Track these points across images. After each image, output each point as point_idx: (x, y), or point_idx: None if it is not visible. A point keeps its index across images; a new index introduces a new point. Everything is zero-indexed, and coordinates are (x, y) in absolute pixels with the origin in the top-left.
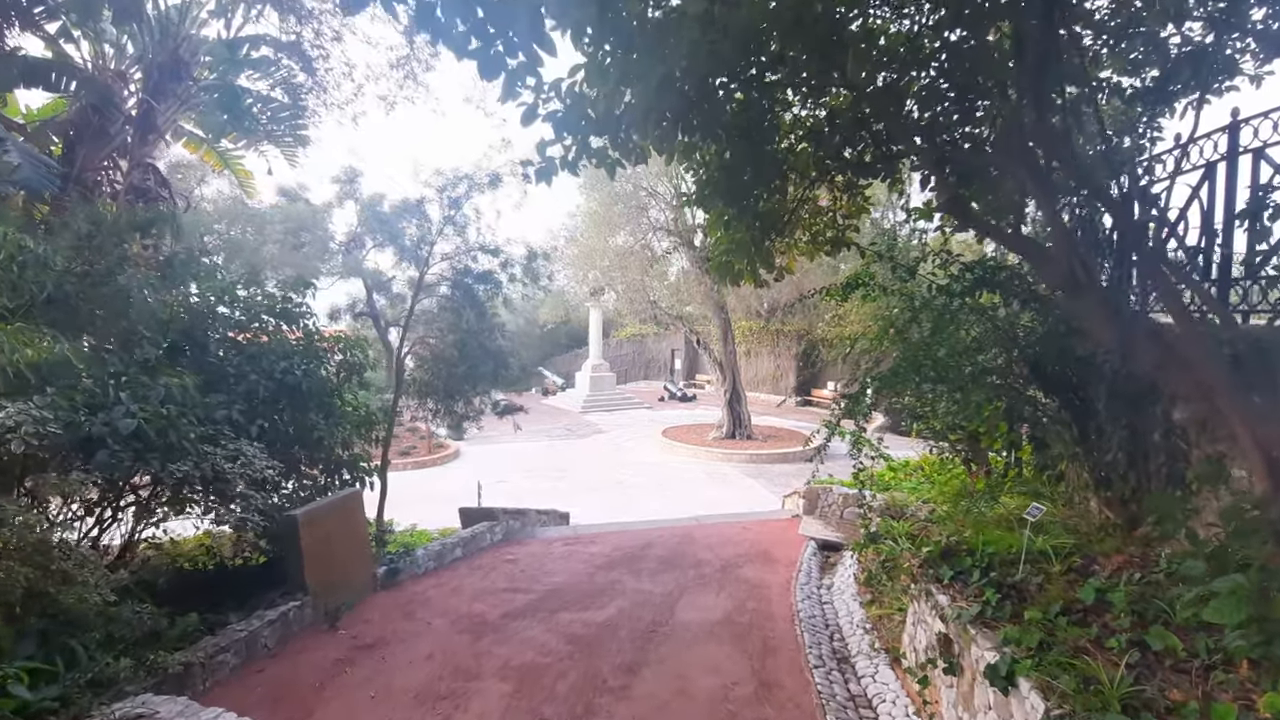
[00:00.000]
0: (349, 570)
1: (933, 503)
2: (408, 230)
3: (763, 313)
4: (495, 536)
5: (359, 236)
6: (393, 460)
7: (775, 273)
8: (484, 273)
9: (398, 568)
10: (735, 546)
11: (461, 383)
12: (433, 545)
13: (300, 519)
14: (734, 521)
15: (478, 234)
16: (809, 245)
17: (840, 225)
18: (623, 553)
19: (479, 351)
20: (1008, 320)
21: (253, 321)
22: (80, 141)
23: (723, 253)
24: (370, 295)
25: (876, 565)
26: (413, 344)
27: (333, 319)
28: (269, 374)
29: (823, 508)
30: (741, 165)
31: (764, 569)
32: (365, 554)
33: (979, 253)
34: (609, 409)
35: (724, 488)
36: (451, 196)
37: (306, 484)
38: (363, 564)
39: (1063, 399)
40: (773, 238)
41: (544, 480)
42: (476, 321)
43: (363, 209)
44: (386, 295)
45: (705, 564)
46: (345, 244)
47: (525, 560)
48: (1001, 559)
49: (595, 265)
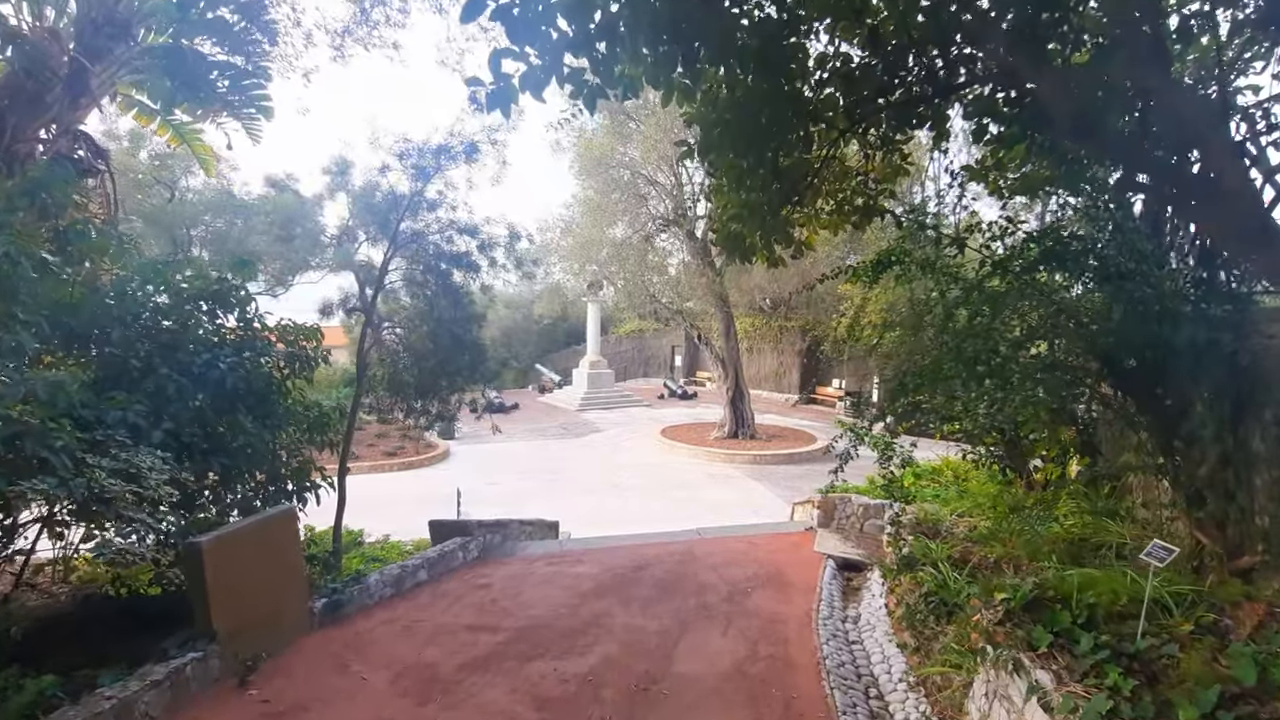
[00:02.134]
0: (274, 607)
1: (969, 516)
2: (387, 212)
3: (766, 308)
4: (469, 555)
5: (351, 230)
6: (379, 461)
7: (793, 248)
8: (459, 255)
9: (341, 600)
10: (743, 566)
11: (436, 378)
12: (390, 569)
13: (205, 548)
14: (740, 535)
15: (452, 212)
16: (832, 216)
17: (871, 190)
18: (614, 575)
19: (453, 343)
20: (1076, 303)
21: (181, 307)
22: (12, 110)
23: (731, 218)
24: (362, 289)
25: (917, 599)
26: (378, 336)
27: (324, 314)
28: (185, 368)
29: (840, 520)
30: (758, 105)
31: (778, 597)
32: (298, 585)
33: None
34: (607, 407)
35: (727, 491)
36: (418, 166)
37: (238, 498)
38: (294, 598)
39: (1142, 398)
40: (792, 203)
41: (537, 482)
42: (451, 310)
43: (353, 200)
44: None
45: (709, 590)
46: (337, 236)
47: (500, 585)
48: (1107, 612)
49: (592, 258)
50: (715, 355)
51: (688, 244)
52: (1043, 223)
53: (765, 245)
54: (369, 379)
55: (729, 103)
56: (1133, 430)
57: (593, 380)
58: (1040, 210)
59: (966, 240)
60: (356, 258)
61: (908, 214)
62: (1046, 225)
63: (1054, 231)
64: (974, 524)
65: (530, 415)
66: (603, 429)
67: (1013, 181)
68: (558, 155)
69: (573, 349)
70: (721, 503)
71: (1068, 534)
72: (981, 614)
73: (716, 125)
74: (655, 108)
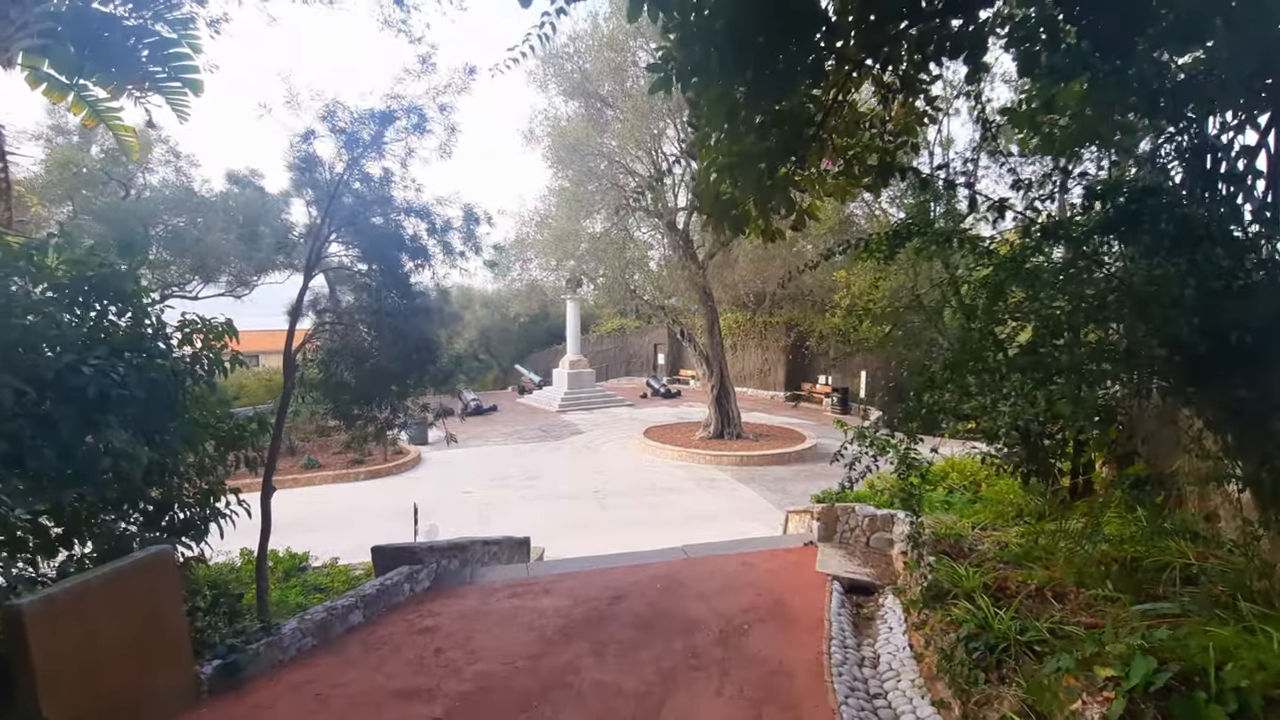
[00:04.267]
0: (138, 681)
1: (992, 528)
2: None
3: (750, 303)
4: (418, 586)
5: (317, 229)
6: (344, 470)
7: (794, 218)
8: (407, 239)
9: (239, 661)
10: (737, 593)
11: (381, 380)
12: (314, 613)
13: (28, 614)
14: (732, 553)
15: (396, 187)
16: (839, 179)
17: (888, 143)
18: (586, 610)
19: (395, 340)
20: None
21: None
22: None
23: (720, 175)
24: (333, 290)
25: (953, 643)
26: (312, 332)
27: (293, 316)
28: (31, 372)
29: (844, 533)
30: (753, 13)
31: (780, 635)
32: (174, 649)
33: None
34: (588, 407)
35: (713, 496)
36: (349, 132)
37: (115, 533)
38: (169, 666)
39: (1219, 394)
40: (795, 159)
41: (512, 489)
42: (400, 302)
43: (319, 195)
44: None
45: (698, 628)
46: (304, 235)
47: (449, 627)
48: (1265, 697)
49: (570, 253)
50: (699, 352)
51: (669, 236)
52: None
53: (761, 213)
54: (303, 383)
55: (715, 3)
56: (1211, 431)
57: (573, 380)
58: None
59: (1009, 202)
60: (327, 256)
61: (936, 171)
62: (1114, 178)
63: (1126, 184)
64: (1001, 539)
65: (509, 417)
66: (583, 431)
67: (1067, 128)
68: (531, 146)
69: (554, 348)
70: (708, 510)
71: (1118, 553)
72: (1084, 703)
73: (702, 36)
74: (633, 94)
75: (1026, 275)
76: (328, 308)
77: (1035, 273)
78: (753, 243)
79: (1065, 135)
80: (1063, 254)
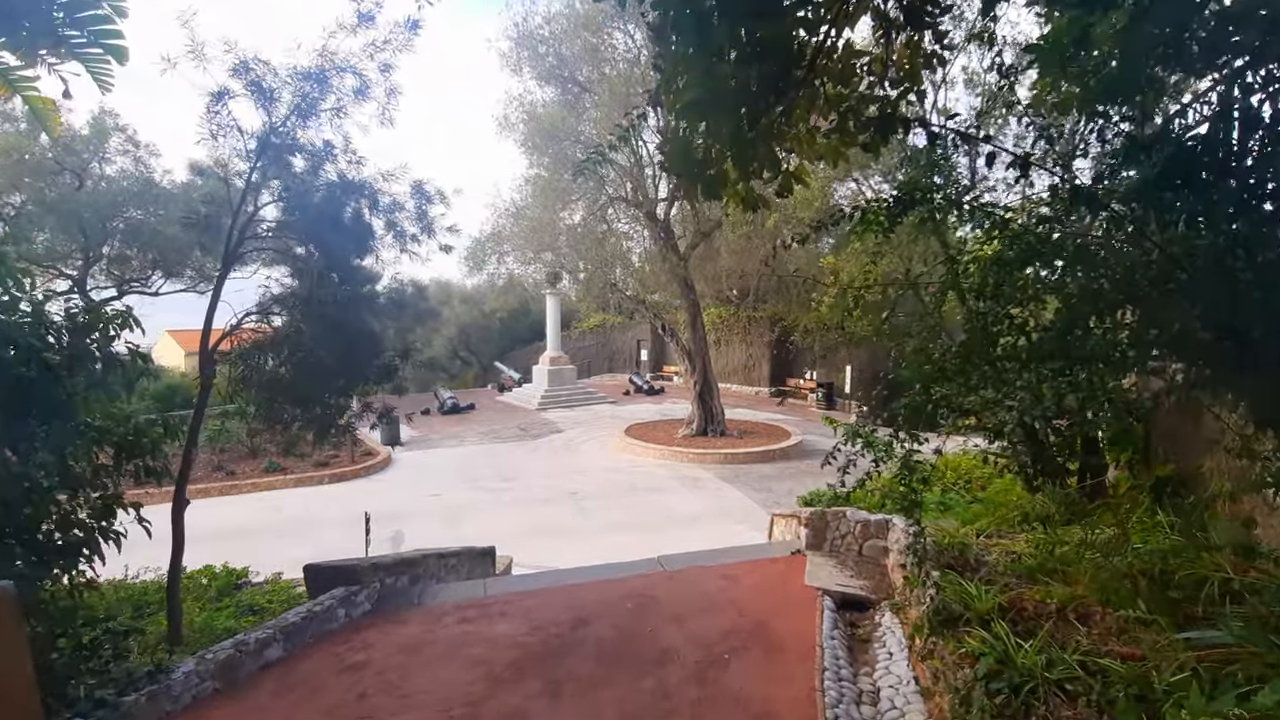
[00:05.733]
0: None
1: (998, 535)
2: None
3: (733, 298)
4: (355, 611)
5: (238, 207)
6: (307, 473)
7: (780, 181)
8: (345, 219)
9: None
10: (717, 613)
11: (319, 376)
12: (219, 649)
13: None
14: (713, 565)
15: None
16: (830, 138)
17: (888, 93)
18: (544, 638)
19: (326, 332)
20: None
21: None
22: None
23: (692, 106)
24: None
25: (970, 682)
26: (237, 323)
27: (263, 314)
28: None
29: (834, 540)
30: None
31: (766, 665)
32: (17, 709)
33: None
34: (569, 405)
35: (696, 496)
36: (269, 89)
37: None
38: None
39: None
40: (781, 110)
41: (485, 492)
42: (338, 289)
43: (282, 185)
44: (291, 273)
45: (671, 660)
46: (273, 228)
47: (383, 662)
48: None
49: (547, 245)
50: (682, 348)
51: (649, 227)
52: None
53: (741, 173)
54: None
55: None
56: (1265, 429)
57: (553, 377)
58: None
59: (1033, 157)
60: (296, 249)
61: (949, 121)
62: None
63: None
64: (1009, 548)
65: (487, 416)
66: (563, 429)
67: (1109, 73)
68: (506, 133)
69: (535, 345)
70: (691, 512)
71: (1145, 565)
72: None
73: None
74: (611, 79)
75: (1052, 247)
76: (267, 303)
77: (1060, 245)
78: (735, 232)
79: (1104, 80)
80: (1091, 222)
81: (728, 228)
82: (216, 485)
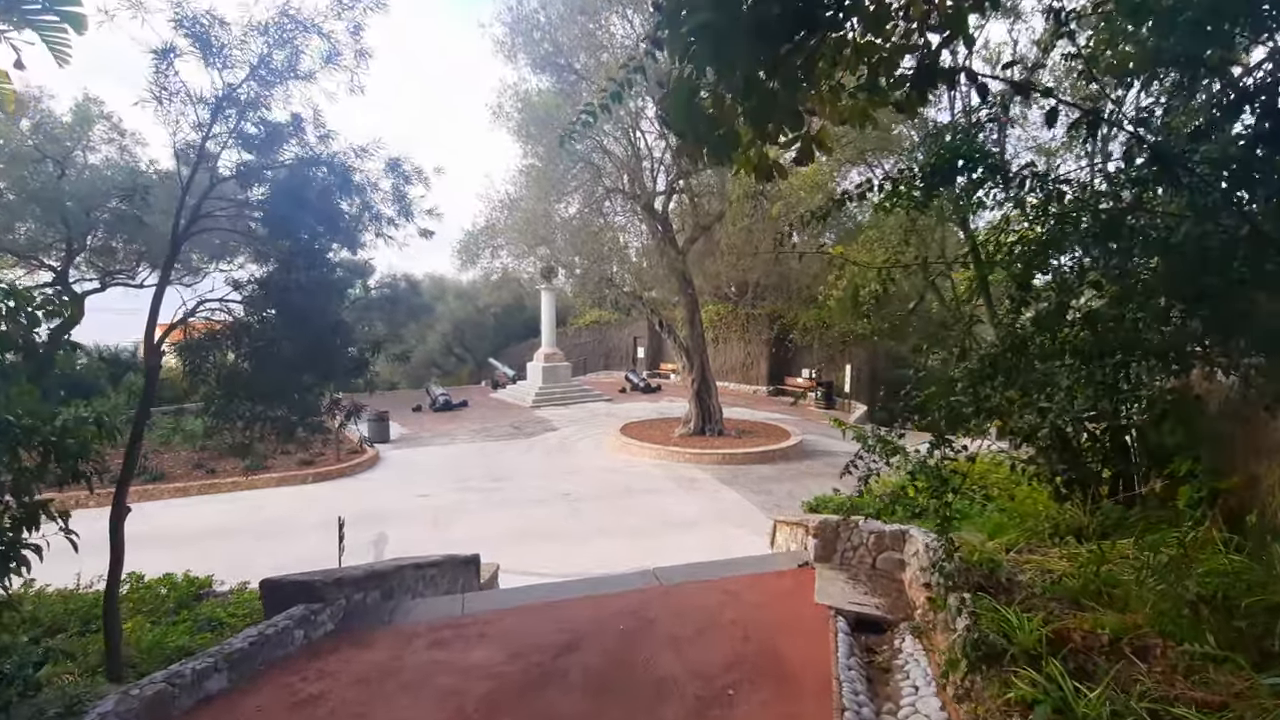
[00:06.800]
0: None
1: (1028, 549)
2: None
3: (732, 295)
4: (315, 632)
5: (187, 181)
6: (291, 471)
7: (800, 144)
8: (310, 197)
9: None
10: (719, 636)
11: (279, 371)
12: (152, 681)
13: None
14: (713, 578)
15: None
16: (858, 96)
17: (928, 41)
18: (525, 667)
19: (295, 321)
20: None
21: None
22: None
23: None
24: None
25: None
26: (191, 310)
27: (223, 301)
28: None
29: (844, 553)
30: None
31: (776, 701)
32: None
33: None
34: (564, 403)
35: (693, 499)
36: (217, 44)
37: None
38: None
39: None
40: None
41: (475, 493)
42: (303, 274)
43: (240, 158)
44: (253, 257)
45: (669, 694)
46: (227, 208)
47: (340, 694)
48: None
49: (542, 237)
50: (679, 345)
51: (647, 220)
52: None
53: (757, 132)
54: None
55: None
56: None
57: (548, 374)
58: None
59: (1098, 116)
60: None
61: (1004, 70)
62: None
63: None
64: (1044, 565)
65: (480, 413)
66: (557, 428)
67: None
68: (499, 122)
69: (530, 342)
70: (688, 515)
71: (1203, 589)
72: None
73: None
74: (609, 65)
75: (1109, 226)
76: (225, 290)
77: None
78: (736, 225)
79: (1197, 19)
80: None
81: (728, 220)
82: (196, 484)
